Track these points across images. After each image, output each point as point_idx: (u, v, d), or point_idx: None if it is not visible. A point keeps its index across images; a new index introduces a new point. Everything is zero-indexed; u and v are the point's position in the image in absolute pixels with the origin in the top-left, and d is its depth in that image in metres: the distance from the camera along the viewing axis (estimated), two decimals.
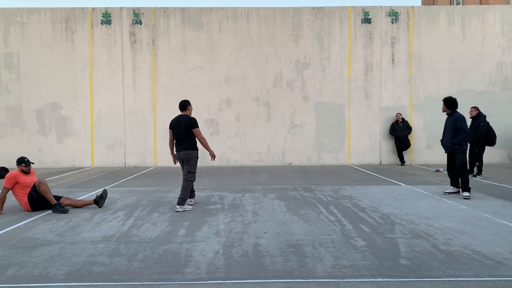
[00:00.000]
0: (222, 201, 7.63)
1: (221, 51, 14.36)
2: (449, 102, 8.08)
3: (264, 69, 14.38)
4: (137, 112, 14.21)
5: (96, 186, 9.66)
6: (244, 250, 4.67)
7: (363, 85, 14.43)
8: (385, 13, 14.46)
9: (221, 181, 10.37)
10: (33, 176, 7.13)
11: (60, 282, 3.82)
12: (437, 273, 3.94)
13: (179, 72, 14.33)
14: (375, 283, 3.71)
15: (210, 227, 5.72)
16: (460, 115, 7.98)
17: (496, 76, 14.51)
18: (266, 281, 3.77)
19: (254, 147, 14.40)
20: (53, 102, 14.23)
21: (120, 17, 14.27)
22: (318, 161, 14.42)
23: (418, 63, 14.46)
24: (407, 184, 9.58)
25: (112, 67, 14.27)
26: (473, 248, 4.69)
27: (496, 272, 3.96)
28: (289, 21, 14.42)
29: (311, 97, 14.41)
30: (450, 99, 8.13)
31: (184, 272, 4.02)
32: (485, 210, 6.71)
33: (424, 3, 41.59)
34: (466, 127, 7.88)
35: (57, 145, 14.25)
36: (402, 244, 4.87)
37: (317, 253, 4.55)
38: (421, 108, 14.45)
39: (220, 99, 14.36)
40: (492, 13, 14.55)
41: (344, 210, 6.78)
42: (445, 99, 8.15)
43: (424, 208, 6.85)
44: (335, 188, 9.03)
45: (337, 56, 14.43)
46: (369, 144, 14.46)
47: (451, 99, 8.10)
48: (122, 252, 4.66)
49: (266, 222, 5.97)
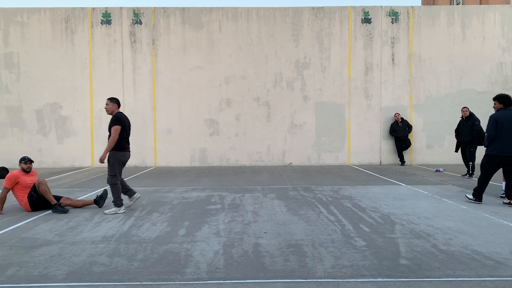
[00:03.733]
0: (222, 201, 7.63)
1: (221, 51, 14.35)
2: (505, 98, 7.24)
3: (264, 69, 14.38)
4: (137, 112, 14.20)
5: (96, 186, 9.66)
6: (244, 250, 4.66)
7: (363, 85, 14.43)
8: (385, 13, 14.46)
9: (221, 181, 10.37)
10: (34, 176, 7.12)
11: (60, 282, 3.82)
12: (437, 273, 3.94)
13: (179, 72, 14.33)
14: (375, 283, 3.71)
15: (210, 227, 5.72)
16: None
17: (496, 76, 14.51)
18: (266, 281, 3.76)
19: (254, 147, 14.39)
20: (53, 102, 14.23)
21: (120, 17, 14.27)
22: (318, 161, 14.42)
23: (418, 63, 14.46)
24: (407, 184, 9.57)
25: (112, 67, 14.27)
26: (473, 248, 4.69)
27: (496, 272, 3.96)
28: (289, 21, 14.42)
29: (311, 97, 14.41)
30: (505, 95, 7.31)
31: (184, 272, 4.02)
32: (485, 210, 6.71)
33: (424, 3, 41.59)
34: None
35: (57, 145, 14.25)
36: (402, 244, 4.87)
37: (317, 253, 4.55)
38: (421, 108, 14.45)
39: (220, 99, 14.36)
40: (492, 13, 14.55)
41: (344, 210, 6.78)
42: (500, 96, 7.30)
43: (424, 208, 6.85)
44: (335, 188, 9.03)
45: (337, 56, 14.42)
46: (369, 144, 14.46)
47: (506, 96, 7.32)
48: (122, 252, 4.66)
49: (266, 222, 5.96)
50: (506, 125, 7.03)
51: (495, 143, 7.12)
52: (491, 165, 7.22)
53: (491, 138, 7.16)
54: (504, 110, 7.20)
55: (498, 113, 7.23)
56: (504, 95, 7.33)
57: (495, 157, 7.15)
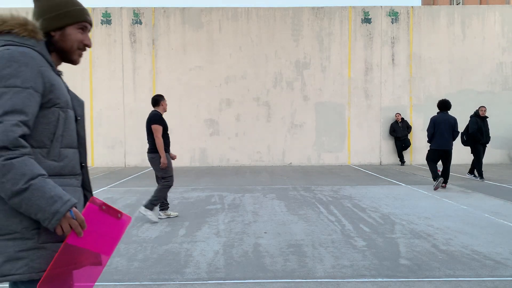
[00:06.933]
0: (222, 201, 7.63)
1: (221, 51, 14.35)
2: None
3: (264, 69, 14.38)
4: (137, 112, 14.20)
5: (96, 186, 9.66)
6: (244, 250, 4.67)
7: (363, 85, 14.43)
8: (385, 13, 14.46)
9: (221, 181, 10.37)
10: None
11: None
12: (437, 273, 3.94)
13: (179, 72, 14.33)
14: (375, 283, 3.71)
15: (210, 227, 5.72)
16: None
17: (496, 76, 14.51)
18: (266, 281, 3.77)
19: (254, 147, 14.40)
20: None
21: (120, 17, 14.27)
22: (318, 161, 14.42)
23: (418, 63, 14.46)
24: (407, 184, 9.58)
25: (112, 67, 14.27)
26: (473, 248, 4.69)
27: (496, 272, 3.96)
28: (289, 21, 14.42)
29: (311, 97, 14.41)
30: (441, 101, 9.01)
31: (184, 272, 4.02)
32: (485, 210, 6.71)
33: (424, 3, 41.60)
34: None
35: None
36: (402, 244, 4.87)
37: (317, 253, 4.55)
38: (421, 108, 14.45)
39: (220, 99, 14.36)
40: (492, 13, 14.55)
41: (344, 210, 6.78)
42: (438, 102, 9.00)
43: (424, 208, 6.86)
44: (335, 188, 9.03)
45: (337, 56, 14.42)
46: (369, 144, 14.46)
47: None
48: (122, 252, 4.66)
49: (266, 222, 5.97)
50: (442, 126, 8.75)
51: (434, 140, 8.84)
52: (433, 157, 8.95)
53: (431, 136, 8.91)
54: (441, 113, 8.94)
55: (436, 115, 9.02)
56: (441, 101, 9.05)
57: (435, 151, 8.91)
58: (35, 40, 1.65)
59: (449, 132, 8.76)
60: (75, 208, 1.52)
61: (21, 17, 1.65)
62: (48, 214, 1.46)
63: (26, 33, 1.63)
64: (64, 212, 1.48)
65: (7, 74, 1.51)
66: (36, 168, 1.48)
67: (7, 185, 1.43)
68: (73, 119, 1.72)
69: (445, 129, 8.74)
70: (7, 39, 1.60)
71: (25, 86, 1.52)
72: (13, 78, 1.51)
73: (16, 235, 1.50)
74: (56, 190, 1.49)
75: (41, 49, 1.65)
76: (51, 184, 1.50)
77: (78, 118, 1.76)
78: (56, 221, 1.47)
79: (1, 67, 1.51)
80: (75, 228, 1.50)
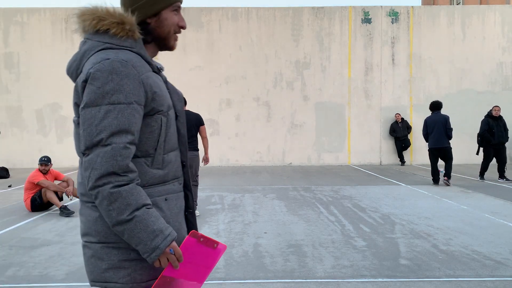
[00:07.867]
0: (222, 201, 7.63)
1: (221, 51, 14.35)
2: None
3: (264, 69, 14.38)
4: None
5: None
6: (244, 250, 4.66)
7: (363, 85, 14.43)
8: (385, 13, 14.46)
9: (221, 181, 10.37)
10: (51, 178, 7.04)
11: (60, 282, 3.81)
12: (437, 273, 3.94)
13: (179, 72, 14.32)
14: (375, 283, 3.71)
15: (210, 227, 5.72)
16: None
17: (496, 76, 14.51)
18: (266, 281, 3.76)
19: (254, 147, 14.39)
20: (53, 102, 14.23)
21: None
22: (318, 161, 14.42)
23: (418, 63, 14.46)
24: (407, 184, 9.58)
25: None
26: (473, 248, 4.69)
27: (496, 272, 3.96)
28: (289, 21, 14.42)
29: (311, 97, 14.41)
30: (432, 103, 9.39)
31: None
32: (485, 210, 6.71)
33: (424, 3, 41.60)
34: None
35: (57, 145, 14.24)
36: (402, 244, 4.87)
37: (317, 253, 4.55)
38: (421, 108, 14.43)
39: (220, 99, 14.36)
40: (492, 13, 14.55)
41: (344, 210, 6.78)
42: (430, 103, 9.45)
43: (424, 208, 6.86)
44: (335, 188, 9.03)
45: (337, 56, 14.42)
46: (369, 144, 14.45)
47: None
48: None
49: (266, 222, 5.97)
50: (434, 125, 9.13)
51: (429, 139, 9.27)
52: (431, 157, 9.40)
53: (426, 137, 9.36)
54: (433, 114, 9.28)
55: (428, 116, 9.41)
56: (432, 103, 9.40)
57: (431, 150, 9.33)
58: (133, 39, 1.54)
59: (442, 130, 9.07)
60: (174, 243, 1.49)
61: (117, 13, 1.53)
62: (148, 249, 1.43)
63: (124, 33, 1.52)
64: (163, 249, 1.45)
65: (111, 90, 1.41)
66: (141, 198, 1.44)
67: (113, 213, 1.40)
68: (173, 119, 1.63)
69: (438, 128, 9.09)
70: (105, 40, 1.51)
71: (129, 102, 1.43)
72: (116, 94, 1.42)
73: (121, 244, 1.49)
74: (158, 223, 1.45)
75: (139, 49, 1.55)
76: (154, 216, 1.46)
77: (178, 115, 1.68)
78: (155, 257, 1.44)
79: (104, 82, 1.42)
80: (173, 263, 1.48)
